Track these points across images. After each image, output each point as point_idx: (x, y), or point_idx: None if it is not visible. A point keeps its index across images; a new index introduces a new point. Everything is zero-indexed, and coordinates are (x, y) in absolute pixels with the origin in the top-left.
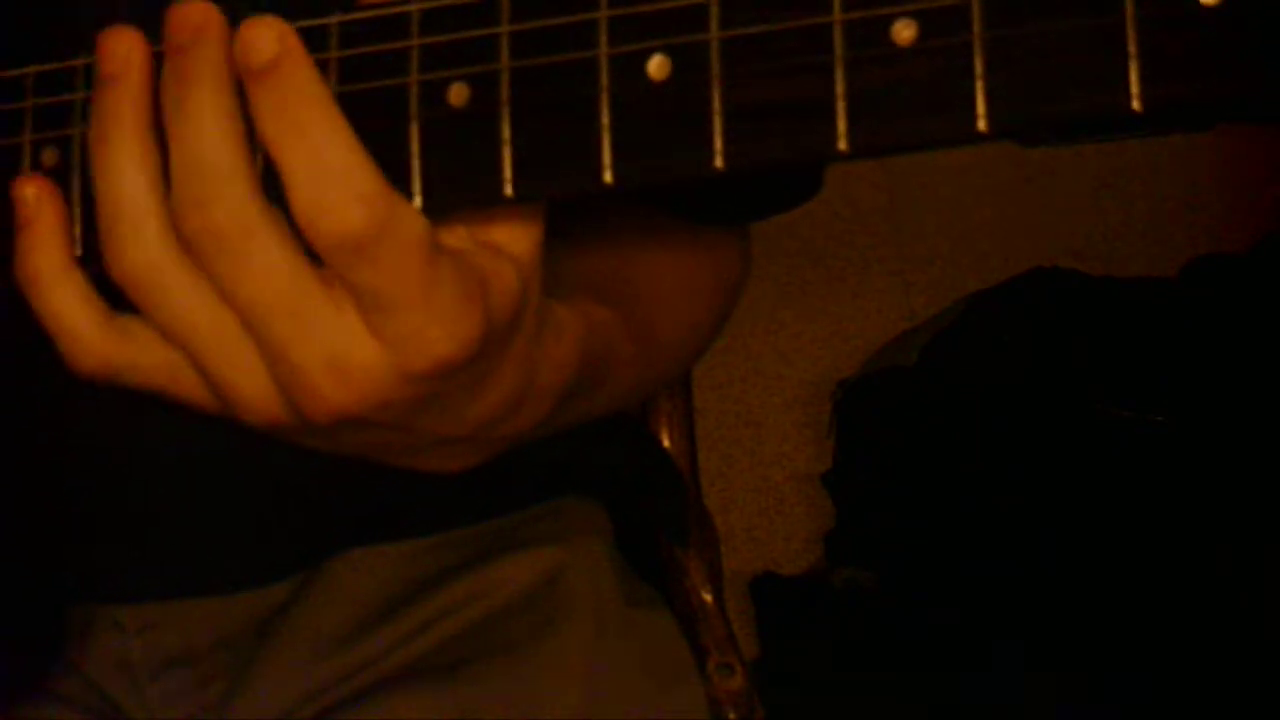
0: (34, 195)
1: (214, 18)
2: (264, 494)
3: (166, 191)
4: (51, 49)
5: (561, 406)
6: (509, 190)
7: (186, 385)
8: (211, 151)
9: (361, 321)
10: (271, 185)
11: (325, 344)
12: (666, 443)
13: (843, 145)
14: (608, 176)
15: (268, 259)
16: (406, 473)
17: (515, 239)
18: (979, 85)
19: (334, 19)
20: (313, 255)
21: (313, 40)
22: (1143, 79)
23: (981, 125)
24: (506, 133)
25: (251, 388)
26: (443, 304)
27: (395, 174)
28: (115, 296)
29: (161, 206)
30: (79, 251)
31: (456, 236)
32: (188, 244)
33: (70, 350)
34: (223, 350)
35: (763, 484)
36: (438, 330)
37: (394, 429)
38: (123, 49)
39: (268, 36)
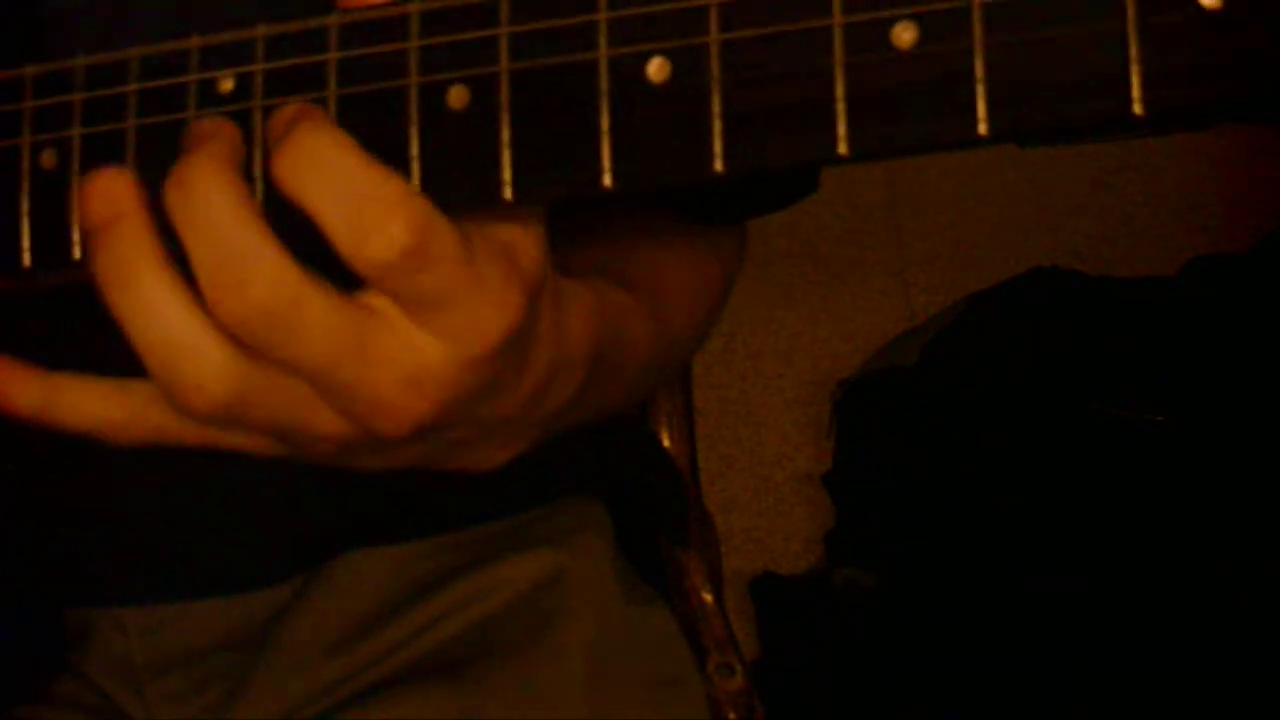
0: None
1: (226, 127)
2: (265, 496)
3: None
4: (49, 49)
5: (588, 383)
6: (508, 193)
7: (242, 441)
8: (231, 233)
9: (418, 329)
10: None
11: (397, 366)
12: (666, 443)
13: (843, 149)
14: (607, 179)
15: (318, 317)
16: (406, 473)
17: (518, 231)
18: (979, 89)
19: (333, 20)
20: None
21: (312, 42)
22: (1144, 83)
23: (982, 129)
24: (506, 135)
25: (326, 428)
26: (487, 284)
27: None
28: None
29: (213, 326)
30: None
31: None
32: (237, 333)
33: (111, 441)
34: (303, 416)
35: (763, 484)
36: (489, 310)
37: (458, 425)
38: (110, 189)
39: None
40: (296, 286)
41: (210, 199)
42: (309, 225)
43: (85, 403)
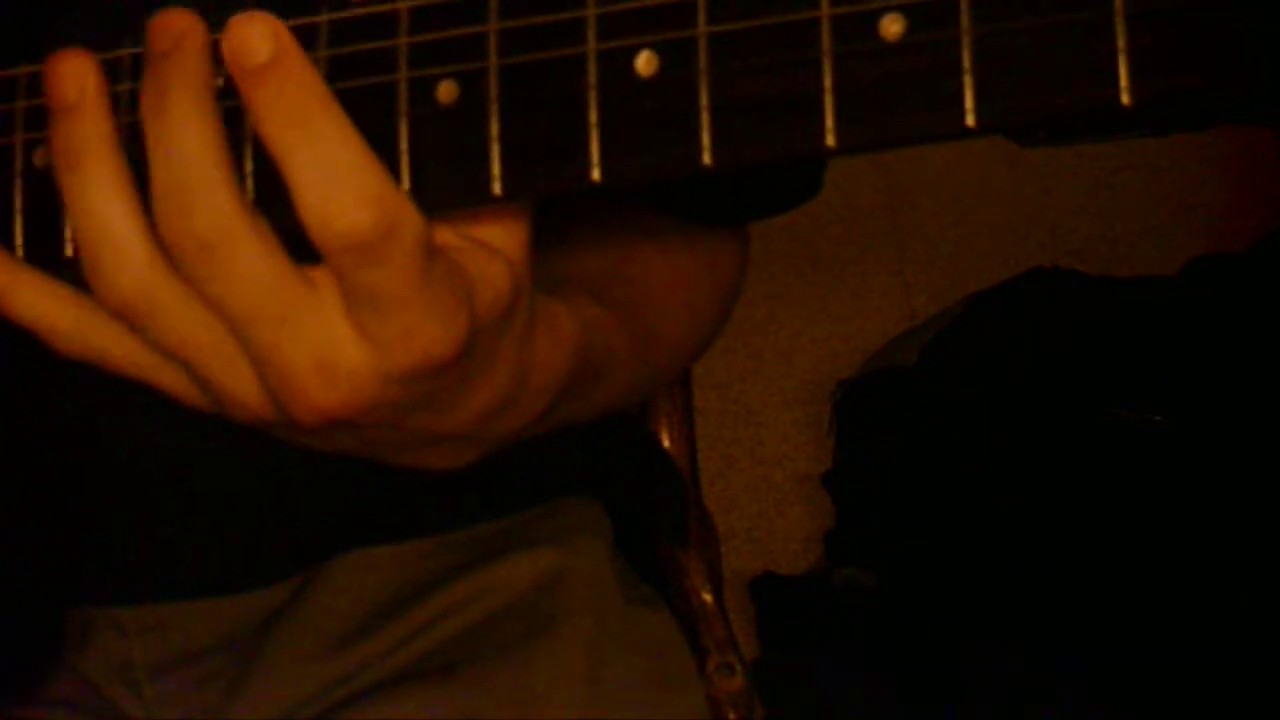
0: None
1: (196, 25)
2: (264, 495)
3: (143, 208)
4: (44, 48)
5: (557, 404)
6: (497, 188)
7: (173, 379)
8: (194, 160)
9: (349, 324)
10: (262, 187)
11: (311, 347)
12: (666, 443)
13: (830, 140)
14: (596, 174)
15: (252, 266)
16: (407, 473)
17: (503, 237)
18: (967, 80)
19: (323, 17)
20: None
21: (302, 38)
22: (1132, 73)
23: (970, 120)
24: (495, 130)
25: (244, 391)
26: (434, 303)
27: None
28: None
29: (144, 229)
30: (70, 251)
31: (444, 233)
32: (172, 253)
33: (51, 342)
34: (216, 359)
35: (763, 484)
36: (425, 330)
37: (384, 428)
38: (75, 73)
39: (262, 34)
40: (239, 225)
41: (184, 123)
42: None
43: (40, 300)
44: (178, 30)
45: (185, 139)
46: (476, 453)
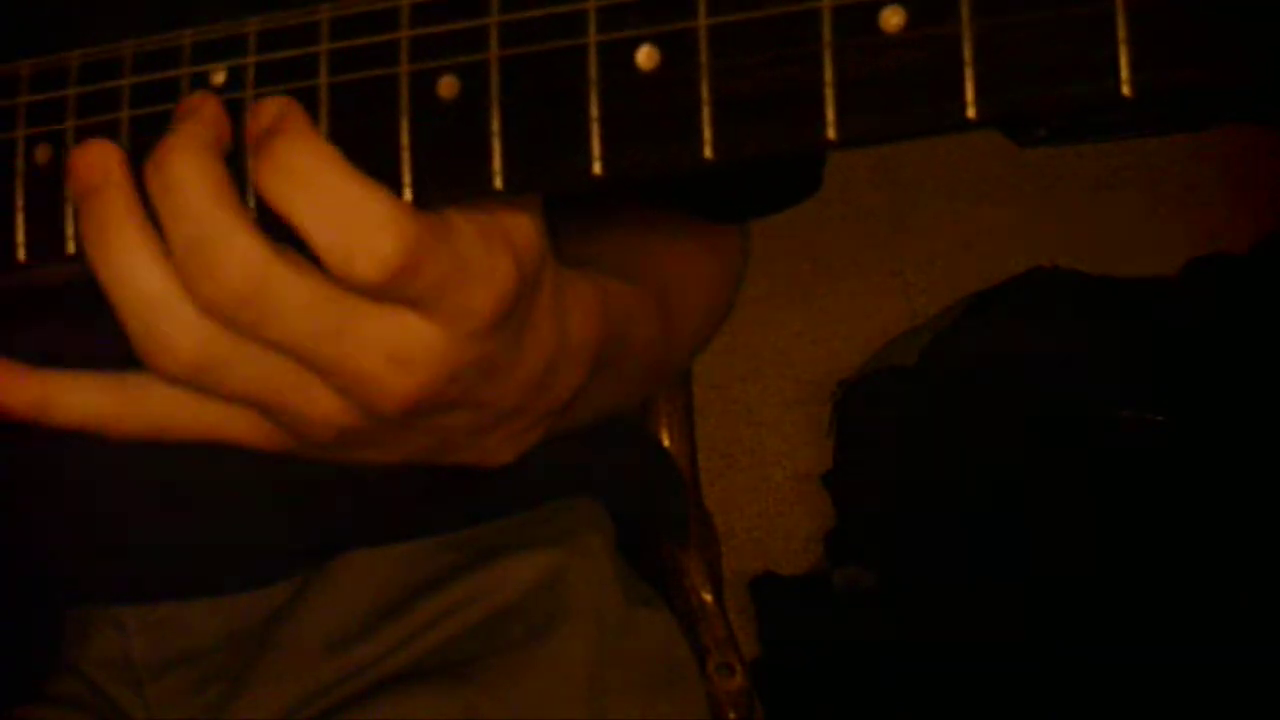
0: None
1: (210, 101)
2: (265, 495)
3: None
4: (45, 43)
5: (594, 372)
6: (498, 182)
7: (244, 430)
8: (202, 217)
9: (407, 308)
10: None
11: (380, 345)
12: (666, 443)
13: (831, 133)
14: (597, 168)
15: (296, 298)
16: (407, 474)
17: (518, 207)
18: (968, 72)
19: (324, 12)
20: None
21: (303, 34)
22: (1133, 65)
23: (970, 113)
24: (496, 124)
25: (323, 410)
26: (476, 267)
27: (385, 166)
28: None
29: (185, 288)
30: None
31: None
32: (212, 312)
33: (109, 435)
34: (289, 390)
35: (763, 484)
36: (480, 293)
37: (460, 407)
38: (98, 159)
39: (271, 105)
40: (266, 268)
41: (182, 181)
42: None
43: (81, 397)
44: (185, 109)
45: (190, 198)
46: (532, 437)
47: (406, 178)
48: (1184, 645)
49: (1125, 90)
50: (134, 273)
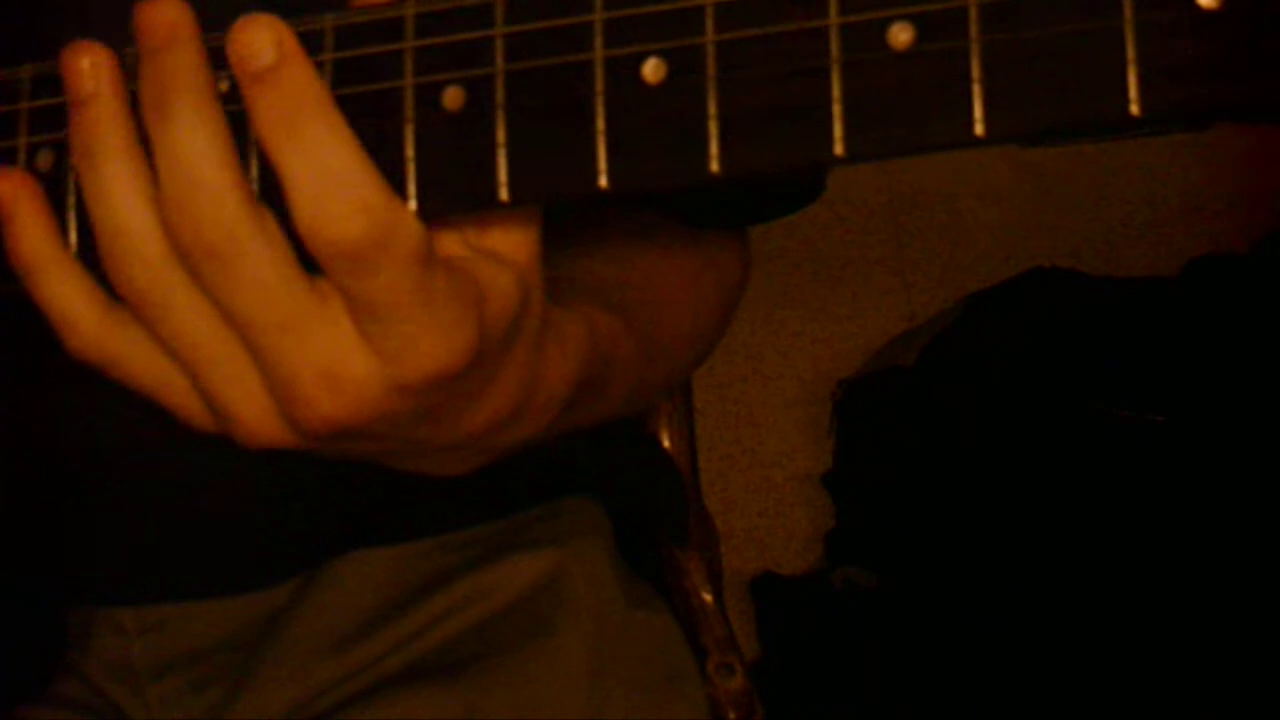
0: (8, 191)
1: (185, 16)
2: (264, 496)
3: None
4: (47, 50)
5: (560, 418)
6: (504, 194)
7: (177, 395)
8: (199, 165)
9: (355, 333)
10: (268, 187)
11: (318, 355)
12: (666, 443)
13: (839, 150)
14: (603, 181)
15: (259, 272)
16: (407, 474)
17: (512, 245)
18: (976, 89)
19: (329, 21)
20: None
21: (308, 42)
22: (1141, 84)
23: (979, 130)
24: (501, 136)
25: (248, 404)
26: (438, 314)
27: (390, 177)
28: None
29: (159, 224)
30: (73, 251)
31: (453, 243)
32: (181, 256)
33: (66, 336)
34: (221, 367)
35: (763, 484)
36: (432, 341)
37: (391, 439)
38: (89, 66)
39: (266, 38)
40: (244, 234)
41: (187, 130)
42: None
43: (71, 291)
44: (168, 20)
45: (189, 142)
46: (481, 461)
47: (411, 189)
48: (1184, 645)
49: (1134, 109)
50: (114, 195)
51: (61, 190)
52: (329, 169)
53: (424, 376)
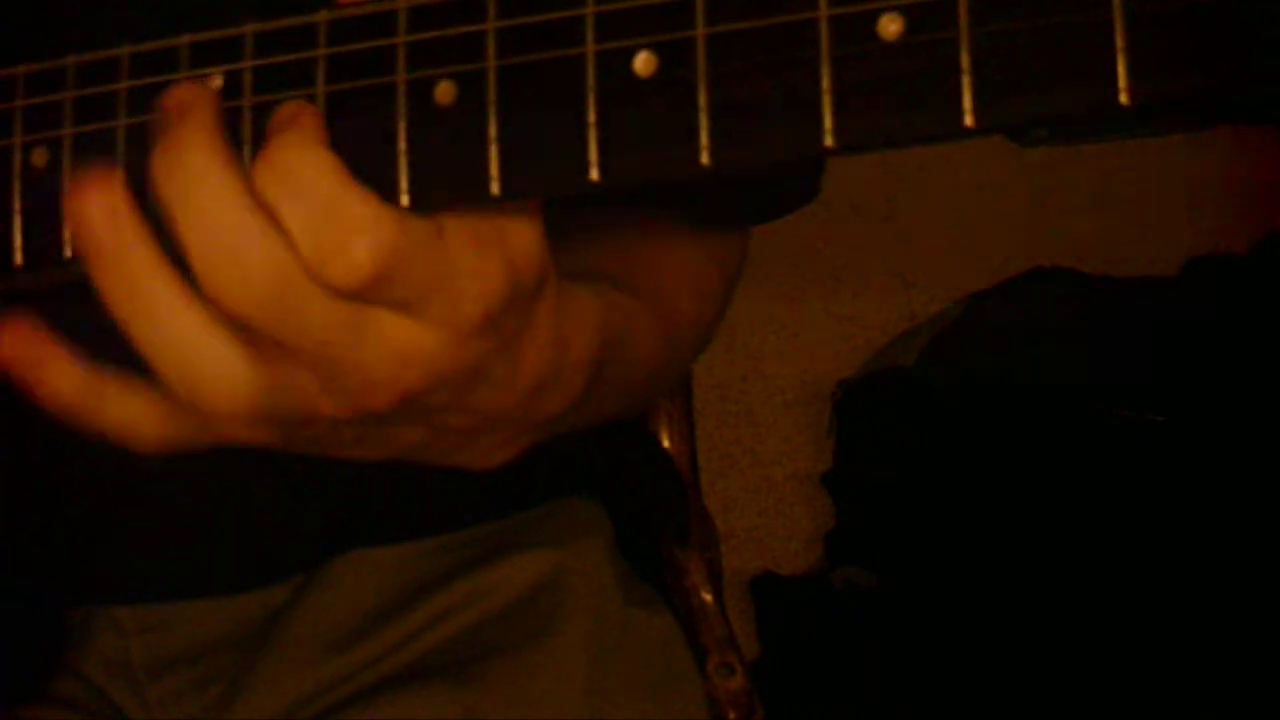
0: (28, 333)
1: (206, 93)
2: (264, 495)
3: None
4: (41, 47)
5: (592, 385)
6: (495, 188)
7: (255, 436)
8: (227, 218)
9: (406, 319)
10: None
11: (383, 346)
12: (666, 443)
13: (829, 141)
14: (595, 174)
15: (318, 302)
16: (406, 474)
17: (516, 231)
18: (965, 80)
19: (321, 17)
20: None
21: (300, 38)
22: (1131, 73)
23: (968, 120)
24: (493, 130)
25: (321, 408)
26: (465, 268)
27: (382, 172)
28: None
29: (218, 320)
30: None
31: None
32: (236, 318)
33: (133, 447)
34: (300, 397)
35: (763, 484)
36: (467, 291)
37: (450, 410)
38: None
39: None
40: (296, 273)
41: (204, 180)
42: None
43: (126, 403)
44: (187, 100)
45: (213, 197)
46: (520, 445)
47: (404, 183)
48: (1184, 645)
49: (1123, 99)
50: (174, 329)
51: (55, 188)
52: (320, 211)
53: (470, 326)
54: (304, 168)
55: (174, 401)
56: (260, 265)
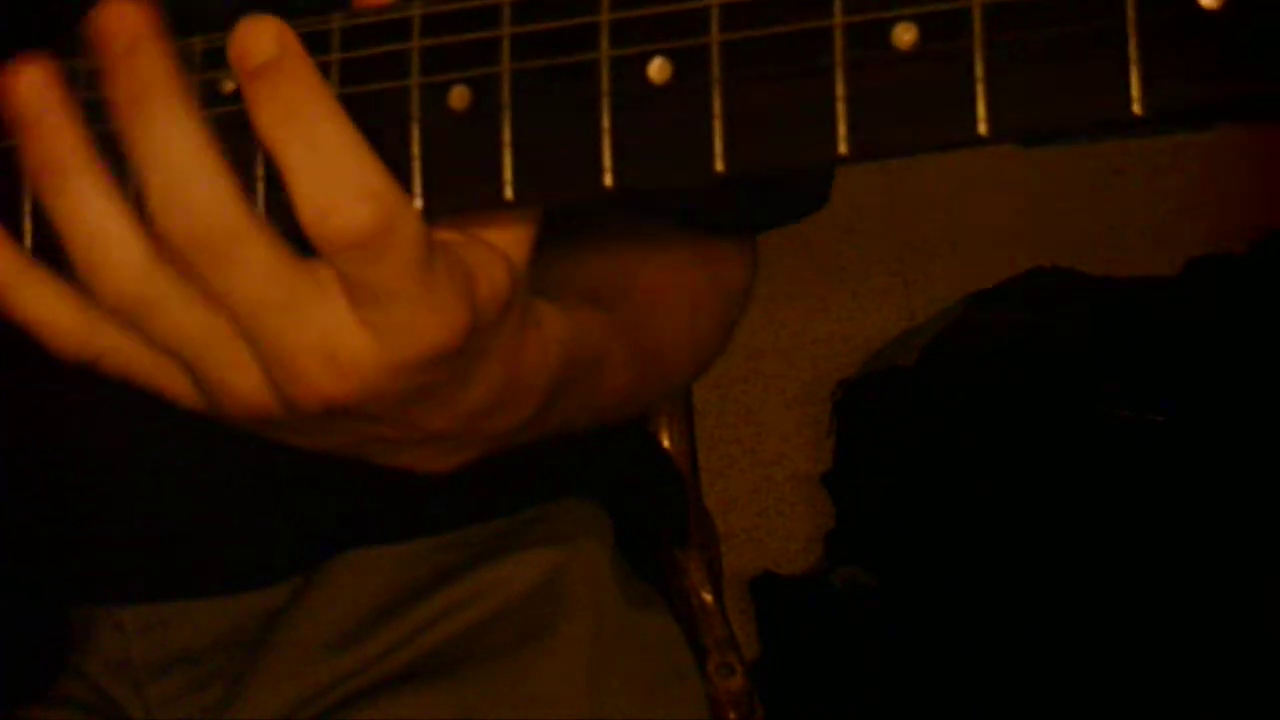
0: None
1: (148, 14)
2: (264, 495)
3: (132, 207)
4: (53, 49)
5: (549, 405)
6: (509, 193)
7: (169, 380)
8: (188, 160)
9: (353, 314)
10: (278, 191)
11: (317, 334)
12: (666, 443)
13: (843, 149)
14: (608, 180)
15: (258, 260)
16: (406, 474)
17: (508, 240)
18: (979, 89)
19: (335, 21)
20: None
21: (314, 43)
22: (1143, 83)
23: (982, 129)
24: (507, 136)
25: (243, 383)
26: (435, 296)
27: (396, 176)
28: None
29: (137, 226)
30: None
31: (448, 229)
32: (171, 252)
33: (51, 342)
34: (215, 353)
35: (763, 484)
36: (428, 322)
37: (384, 421)
38: (35, 85)
39: (266, 36)
40: (242, 223)
41: (176, 131)
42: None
43: (44, 298)
44: (133, 22)
45: (175, 138)
46: (465, 456)
47: (417, 187)
48: (1184, 645)
49: (1136, 109)
50: (86, 208)
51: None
52: (332, 159)
53: (419, 356)
54: (320, 120)
55: (95, 314)
56: (209, 203)
